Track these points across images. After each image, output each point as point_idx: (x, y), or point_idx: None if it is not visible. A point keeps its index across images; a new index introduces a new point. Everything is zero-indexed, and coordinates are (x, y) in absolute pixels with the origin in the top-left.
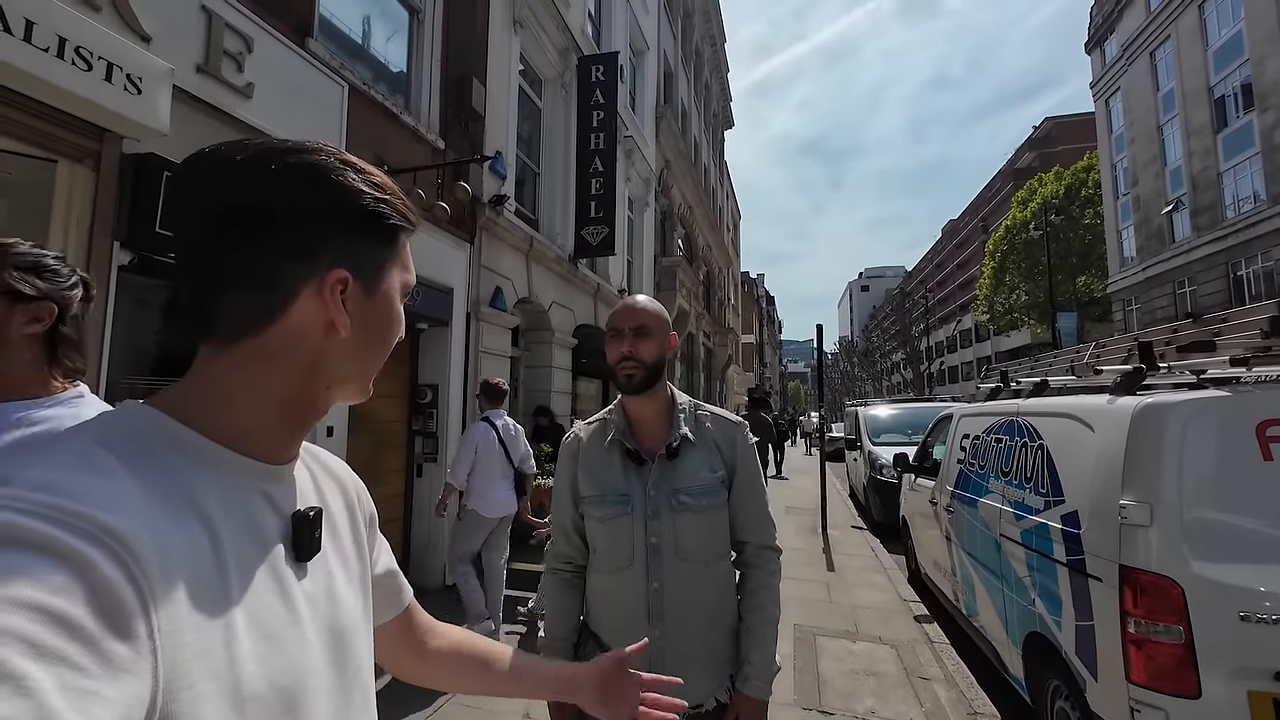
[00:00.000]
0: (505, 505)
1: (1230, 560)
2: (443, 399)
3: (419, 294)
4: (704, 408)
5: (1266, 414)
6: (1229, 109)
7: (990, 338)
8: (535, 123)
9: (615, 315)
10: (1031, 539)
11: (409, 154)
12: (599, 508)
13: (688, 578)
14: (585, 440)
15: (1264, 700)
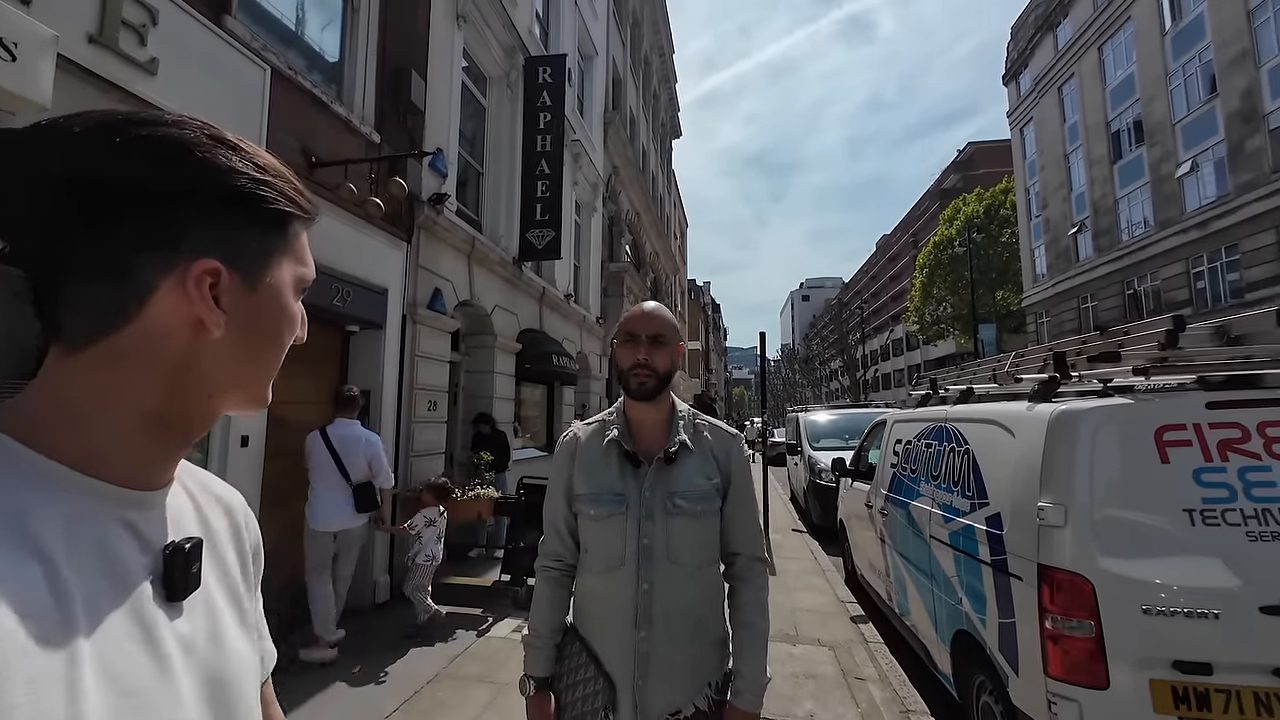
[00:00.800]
0: (336, 519)
1: (1133, 557)
2: (376, 405)
3: (349, 294)
4: (702, 417)
5: (1163, 420)
6: (1124, 142)
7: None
8: (479, 121)
9: (631, 320)
10: (959, 540)
11: (340, 146)
12: (594, 506)
13: (677, 581)
14: (583, 440)
15: (1163, 687)
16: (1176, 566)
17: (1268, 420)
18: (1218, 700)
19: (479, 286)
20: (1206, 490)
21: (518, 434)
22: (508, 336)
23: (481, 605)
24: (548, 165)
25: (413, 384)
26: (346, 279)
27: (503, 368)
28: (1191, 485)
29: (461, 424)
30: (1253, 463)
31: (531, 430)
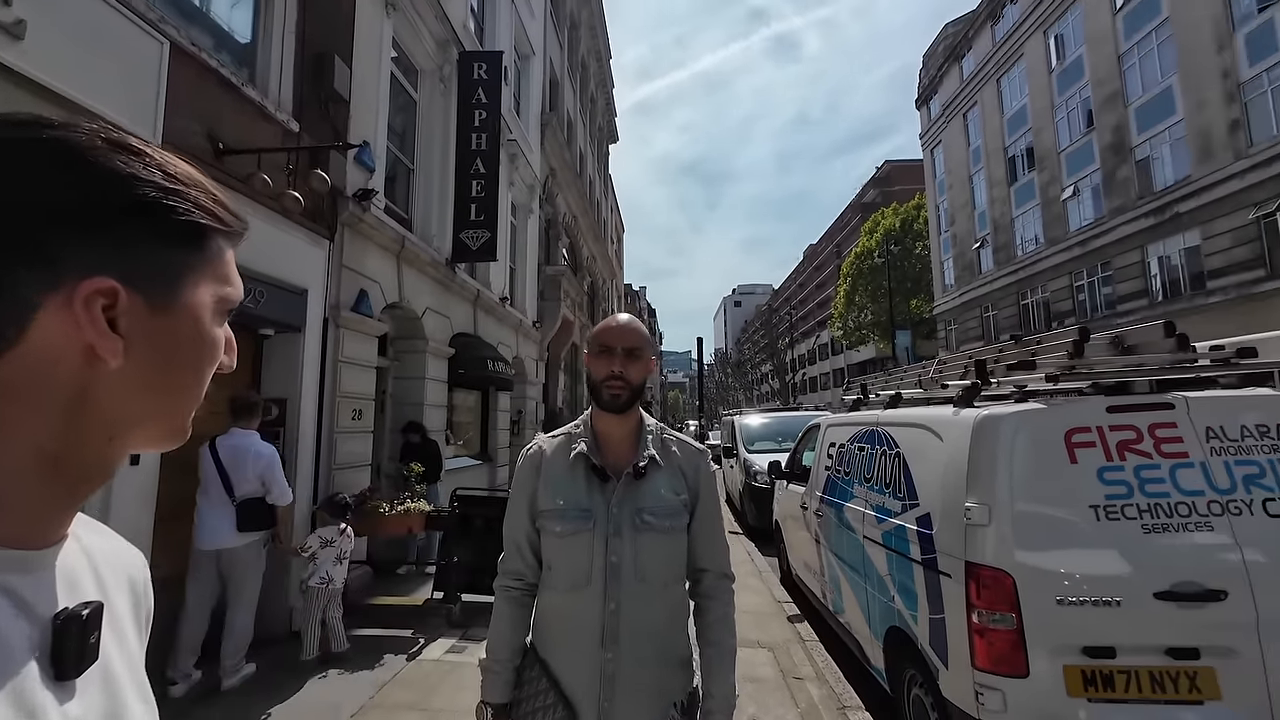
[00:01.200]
0: (217, 538)
1: (1048, 551)
2: (293, 415)
3: (263, 295)
4: (670, 433)
5: (1072, 423)
6: (1019, 167)
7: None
8: (410, 115)
9: (606, 332)
10: (891, 540)
11: (252, 133)
12: (559, 522)
13: (645, 600)
14: (549, 453)
15: (1075, 672)
16: (1084, 559)
17: (1156, 422)
18: (1120, 681)
19: (409, 288)
20: (1109, 488)
21: (450, 442)
22: (440, 341)
23: (412, 626)
24: (483, 164)
25: (335, 391)
26: (260, 278)
27: (434, 373)
28: (1096, 483)
29: (390, 433)
30: (1146, 461)
31: (465, 438)
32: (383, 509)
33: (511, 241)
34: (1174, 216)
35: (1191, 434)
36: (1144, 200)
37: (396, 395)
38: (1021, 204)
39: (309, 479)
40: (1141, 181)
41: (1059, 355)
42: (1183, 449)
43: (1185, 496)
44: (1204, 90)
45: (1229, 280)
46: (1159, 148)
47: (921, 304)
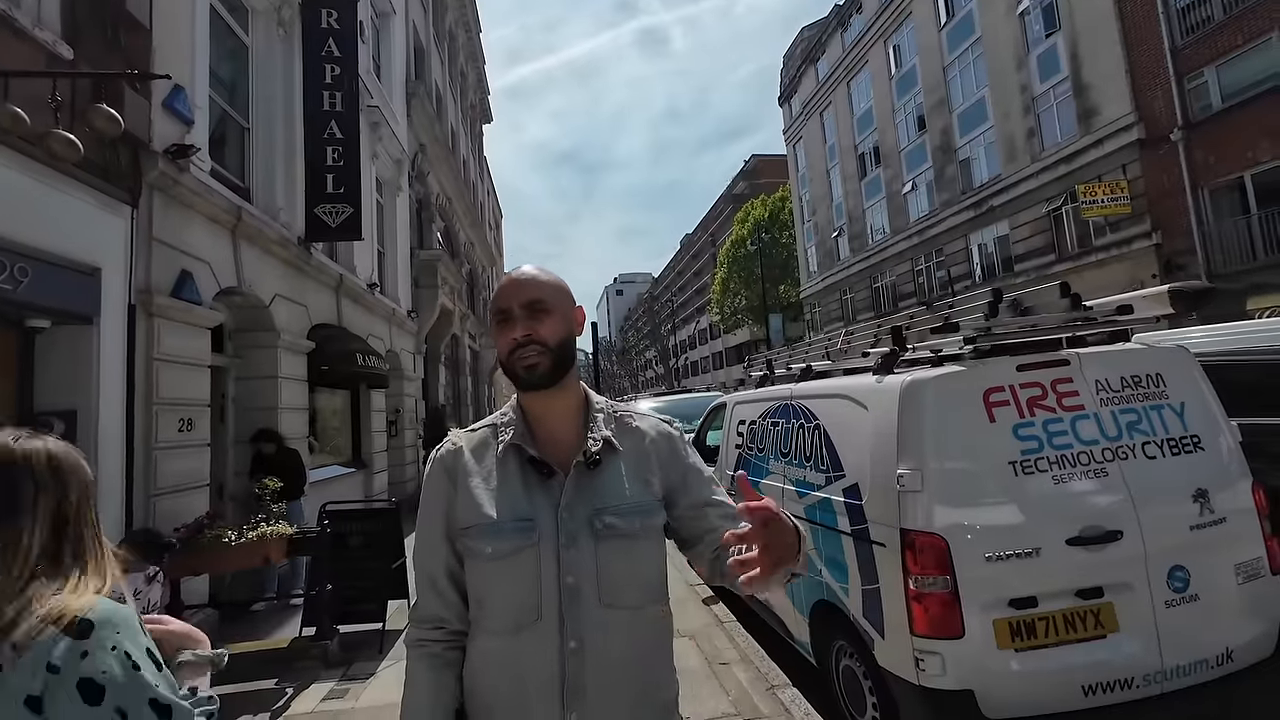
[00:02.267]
0: None
1: (975, 510)
2: (86, 431)
3: (25, 273)
4: (626, 409)
5: (988, 383)
6: (867, 163)
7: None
8: (242, 64)
9: (499, 293)
10: (815, 513)
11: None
12: (491, 539)
13: (615, 631)
14: (467, 451)
15: (1003, 625)
16: (1007, 514)
17: (1057, 378)
18: (1040, 627)
19: (251, 270)
20: (1023, 443)
21: (313, 450)
22: (295, 333)
23: (275, 674)
24: (339, 128)
25: (150, 397)
26: (17, 249)
27: (290, 371)
28: (1012, 440)
29: (234, 444)
30: (1051, 415)
31: (332, 444)
32: (228, 538)
33: (379, 222)
34: (989, 209)
35: (1086, 388)
36: (966, 195)
37: (241, 399)
38: (871, 197)
39: (117, 512)
40: (964, 179)
41: (976, 317)
42: (1079, 402)
43: (1085, 446)
44: (1008, 102)
45: (1031, 263)
46: (977, 149)
47: (789, 289)
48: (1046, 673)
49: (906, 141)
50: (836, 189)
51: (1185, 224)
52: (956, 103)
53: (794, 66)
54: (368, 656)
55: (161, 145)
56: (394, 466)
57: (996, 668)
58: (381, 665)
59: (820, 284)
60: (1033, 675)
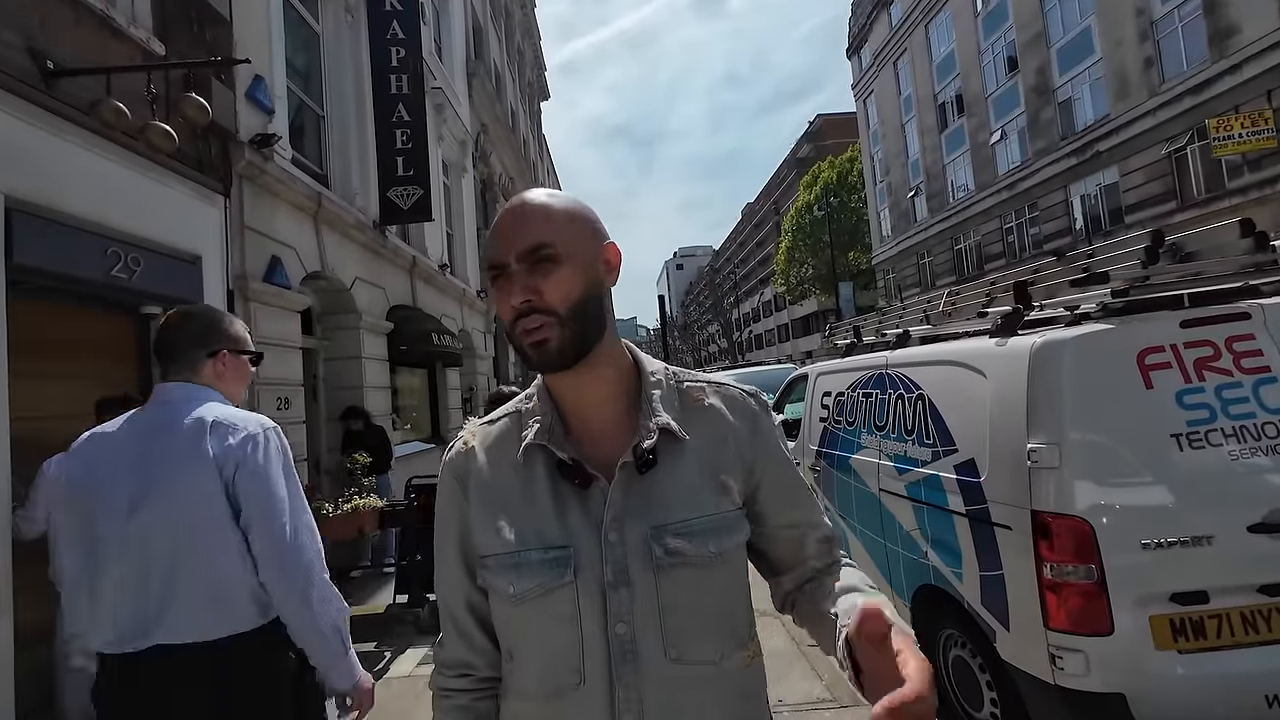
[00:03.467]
0: None
1: (1128, 490)
2: None
3: (138, 262)
4: (696, 379)
5: (1144, 343)
6: (949, 113)
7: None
8: (314, 53)
9: (491, 237)
10: (920, 491)
11: (98, 50)
12: (512, 576)
13: (687, 694)
14: (481, 453)
15: (1163, 622)
16: (1169, 495)
17: (1233, 335)
18: (1211, 626)
19: (332, 255)
20: (1189, 412)
21: (396, 426)
22: (375, 314)
23: (375, 639)
24: (407, 111)
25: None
26: (130, 240)
27: (372, 351)
28: (1175, 409)
29: (326, 422)
30: (1227, 380)
31: (412, 421)
32: (326, 510)
33: (446, 203)
34: (1094, 155)
35: (1271, 345)
36: (1066, 141)
37: (329, 379)
38: (952, 151)
39: None
40: (1064, 122)
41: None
42: (1264, 363)
43: (1272, 415)
44: (1120, 29)
45: (1144, 214)
46: (1080, 88)
47: (859, 255)
48: (1220, 679)
49: (995, 86)
50: (913, 144)
51: None
52: (1055, 36)
53: (864, 14)
54: None
55: (247, 135)
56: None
57: (1155, 670)
58: None
59: (894, 248)
60: (1202, 681)
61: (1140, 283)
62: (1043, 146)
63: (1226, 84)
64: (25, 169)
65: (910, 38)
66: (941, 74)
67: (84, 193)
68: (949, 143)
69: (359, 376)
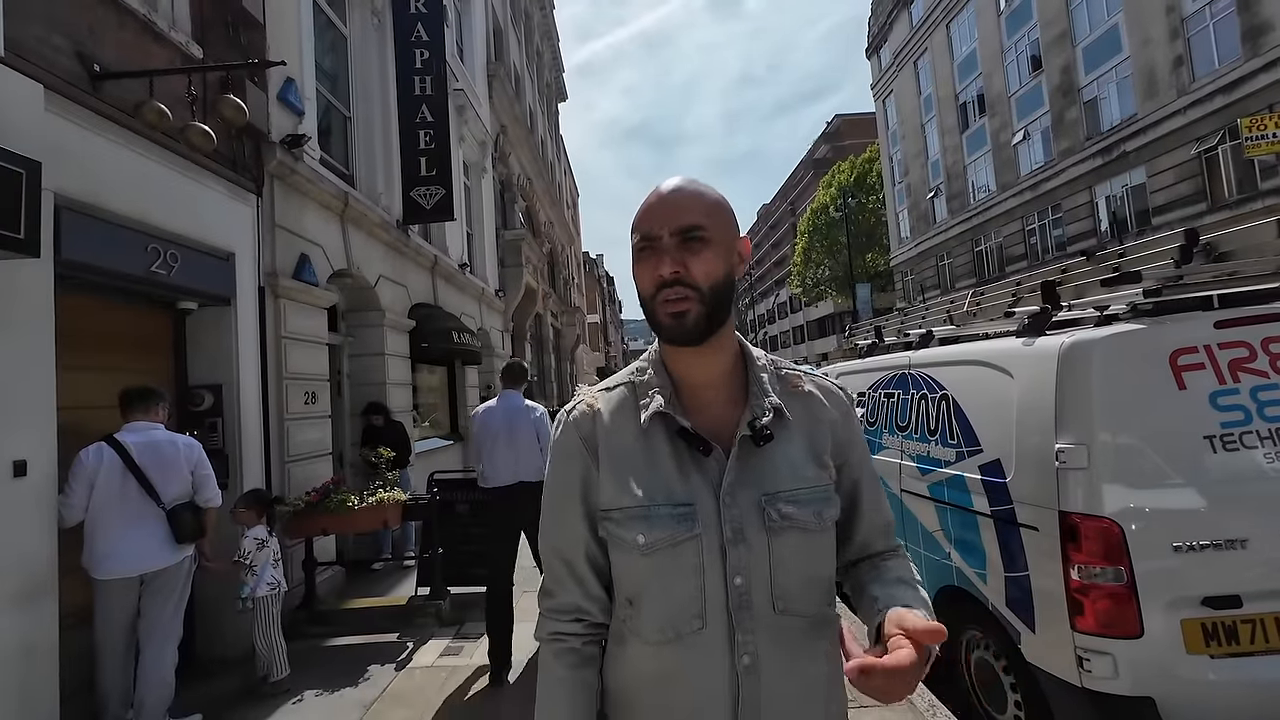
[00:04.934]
0: (140, 559)
1: (1161, 493)
2: (230, 403)
3: (176, 258)
4: (789, 366)
5: (1176, 343)
6: (970, 113)
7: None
8: (341, 55)
9: (645, 213)
10: (943, 492)
11: (140, 54)
12: (643, 527)
13: (793, 645)
14: (605, 414)
15: (1194, 626)
16: (1202, 497)
17: (1270, 336)
18: (1244, 631)
19: (358, 253)
20: (1223, 414)
21: (416, 423)
22: (398, 312)
23: (397, 629)
24: (430, 112)
25: (281, 372)
26: (169, 238)
27: (395, 348)
28: (1209, 410)
29: (349, 417)
30: (1263, 381)
31: (431, 418)
32: (352, 502)
33: (467, 203)
34: (1120, 155)
35: None
36: (1092, 141)
37: (354, 375)
38: (973, 151)
39: (258, 476)
40: (1090, 122)
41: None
42: None
43: None
44: (1149, 27)
45: (1173, 216)
46: (1105, 87)
47: (877, 257)
48: (1253, 685)
49: (1018, 85)
50: (933, 144)
51: None
52: (1081, 34)
53: (884, 13)
54: (477, 617)
55: (278, 136)
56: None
57: (1186, 675)
58: None
59: (913, 250)
60: (1234, 687)
61: (1173, 282)
62: (1067, 147)
63: (1260, 82)
64: (73, 169)
65: (931, 37)
66: (963, 73)
67: (127, 192)
68: (970, 143)
69: (381, 373)
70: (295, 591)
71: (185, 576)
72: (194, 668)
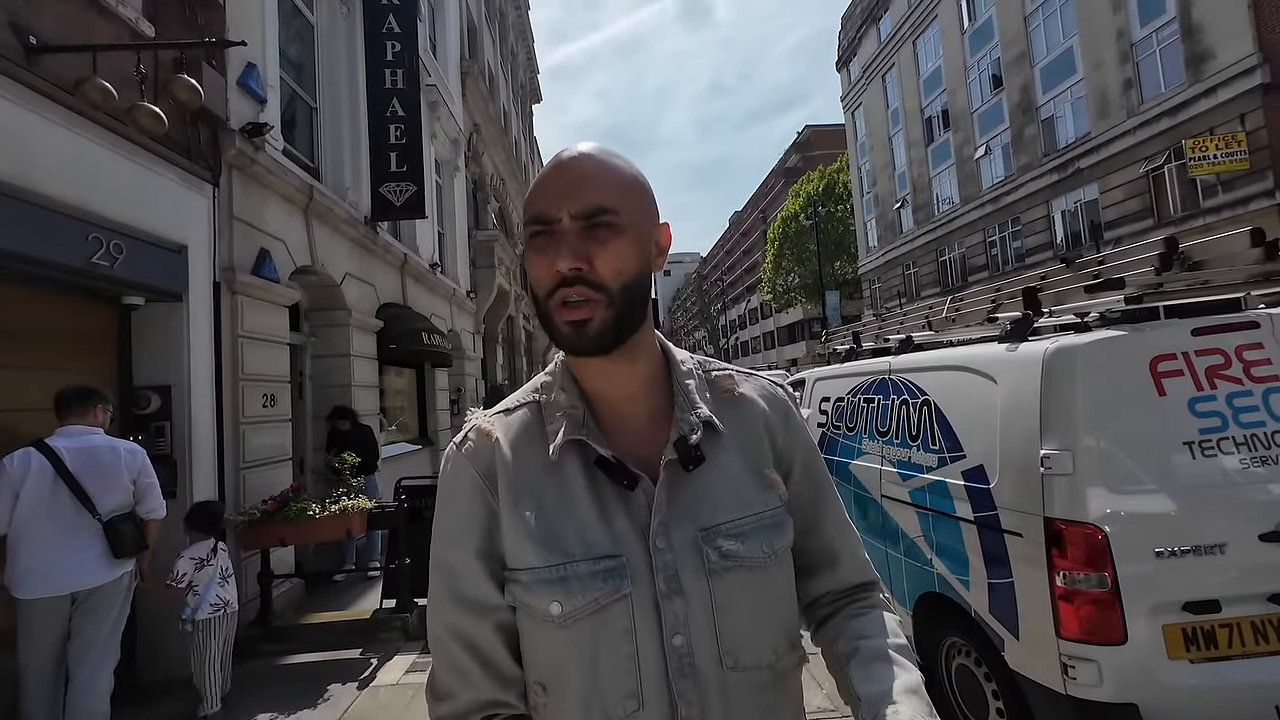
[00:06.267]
0: (71, 576)
1: (1143, 499)
2: (180, 406)
3: (120, 249)
4: (723, 368)
5: (1156, 350)
6: (935, 128)
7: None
8: (308, 44)
9: (539, 186)
10: (925, 498)
11: (83, 28)
12: (559, 592)
13: (749, 707)
14: (506, 447)
15: (1175, 632)
16: (1182, 503)
17: (1242, 344)
18: (1222, 636)
19: (323, 249)
20: (1202, 420)
21: (384, 427)
22: (365, 312)
23: (360, 645)
24: (401, 106)
25: (237, 373)
26: (113, 227)
27: (361, 349)
28: (1188, 416)
29: (311, 420)
30: (1238, 388)
31: (399, 422)
32: (313, 510)
33: (439, 202)
34: (1075, 172)
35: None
36: (1049, 157)
37: (317, 376)
38: (938, 164)
39: (210, 483)
40: (1047, 139)
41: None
42: (1273, 371)
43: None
44: (1101, 50)
45: (1122, 230)
46: (1062, 106)
47: (845, 265)
48: (1231, 689)
49: (980, 102)
50: (900, 157)
51: None
52: (1039, 55)
53: (853, 27)
54: None
55: (238, 124)
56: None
57: (1168, 680)
58: None
59: (880, 259)
60: (1213, 691)
61: (1153, 290)
62: (1026, 162)
63: (1202, 106)
64: (4, 148)
65: (899, 53)
66: (928, 89)
67: (66, 175)
68: (935, 156)
69: (347, 375)
70: (250, 606)
71: (124, 594)
72: (134, 693)
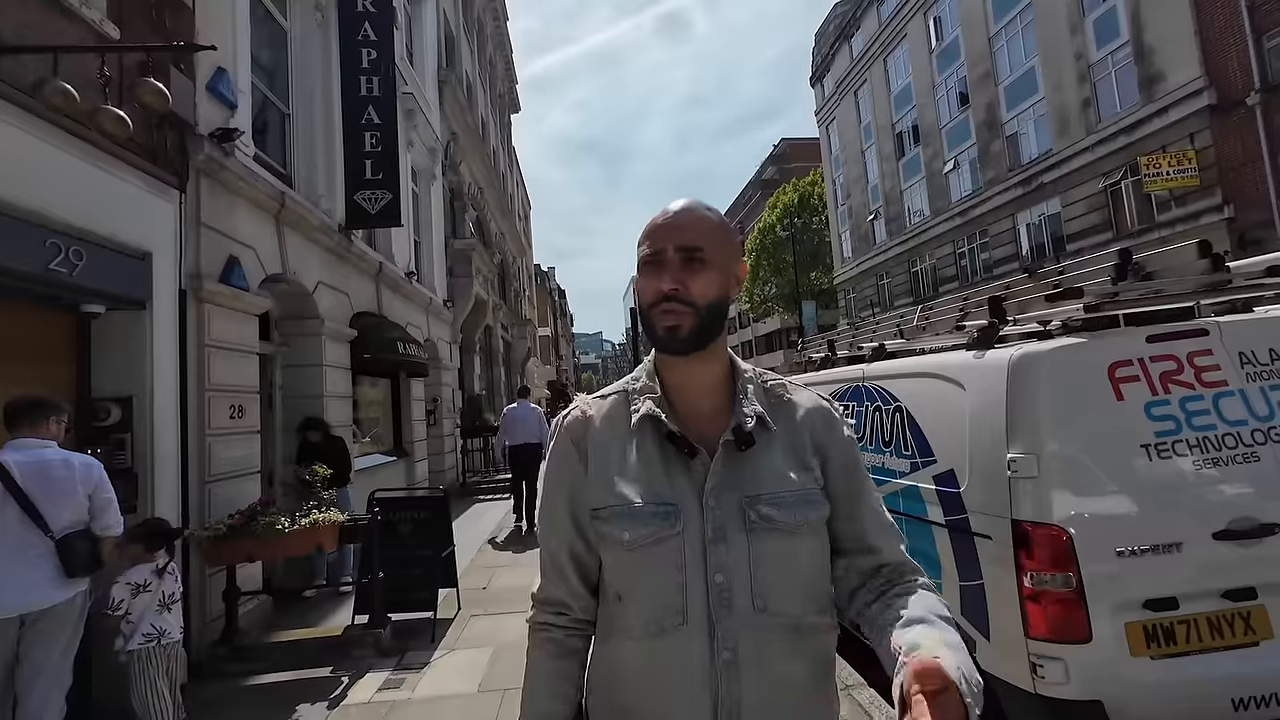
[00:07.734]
0: (19, 596)
1: (1104, 500)
2: (142, 417)
3: (80, 255)
4: (777, 378)
5: (1114, 356)
6: (906, 142)
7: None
8: (281, 50)
9: (653, 230)
10: (897, 503)
11: (43, 29)
12: (628, 524)
13: (774, 645)
14: (598, 420)
15: (1137, 629)
16: (1142, 503)
17: (1194, 350)
18: (1181, 632)
19: (295, 257)
20: (1157, 424)
21: (356, 439)
22: (338, 321)
23: (330, 663)
24: (377, 114)
25: (203, 384)
26: (72, 232)
27: (334, 359)
28: (1145, 420)
29: (282, 433)
30: (1190, 392)
31: (373, 433)
32: (283, 524)
33: (415, 210)
34: (1039, 187)
35: (1228, 361)
36: (1014, 172)
37: (287, 387)
38: (909, 178)
39: (173, 498)
40: (1011, 155)
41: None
42: (1221, 377)
43: (1230, 427)
44: (1061, 71)
45: (1084, 243)
46: (1025, 124)
47: (821, 275)
48: (1189, 684)
49: (948, 118)
50: (872, 170)
51: (1262, 194)
52: (1003, 75)
53: (826, 44)
54: (420, 645)
55: (206, 129)
56: (434, 455)
57: (1130, 677)
58: (435, 655)
59: (855, 269)
60: (1172, 686)
61: (1110, 298)
62: (992, 177)
63: (1156, 125)
64: None
65: (870, 69)
66: (899, 105)
67: (23, 179)
68: (906, 170)
69: (319, 385)
70: (214, 625)
71: (78, 615)
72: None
